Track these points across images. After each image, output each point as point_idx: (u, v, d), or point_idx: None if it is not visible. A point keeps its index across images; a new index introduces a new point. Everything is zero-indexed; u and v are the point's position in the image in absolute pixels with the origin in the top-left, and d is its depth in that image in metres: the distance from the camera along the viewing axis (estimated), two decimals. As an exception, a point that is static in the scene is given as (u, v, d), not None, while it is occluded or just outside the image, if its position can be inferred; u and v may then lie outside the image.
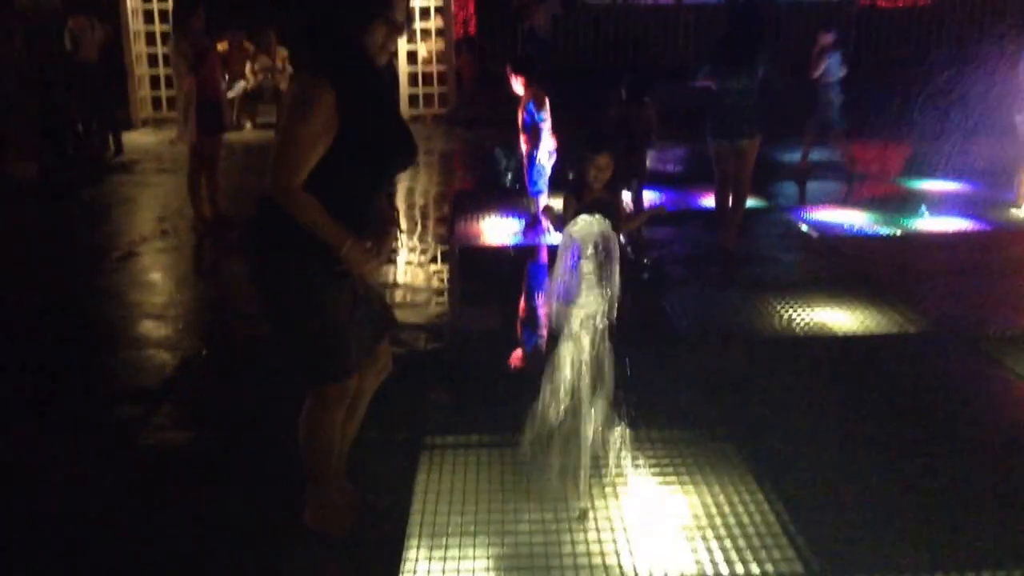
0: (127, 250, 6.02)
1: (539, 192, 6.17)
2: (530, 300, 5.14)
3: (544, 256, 5.89)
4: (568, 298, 2.68)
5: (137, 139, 10.29)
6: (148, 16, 11.32)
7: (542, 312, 4.82)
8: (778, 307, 4.70)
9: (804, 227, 6.48)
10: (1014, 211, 6.75)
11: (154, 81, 11.47)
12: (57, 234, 6.67)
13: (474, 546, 2.58)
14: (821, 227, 6.47)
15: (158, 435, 3.36)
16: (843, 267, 5.69)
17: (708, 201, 6.35)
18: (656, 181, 7.47)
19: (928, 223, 6.49)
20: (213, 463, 3.16)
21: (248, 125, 10.94)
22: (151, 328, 4.57)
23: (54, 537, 2.69)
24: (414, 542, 2.60)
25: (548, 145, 6.04)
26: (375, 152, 2.34)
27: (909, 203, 6.94)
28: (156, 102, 11.50)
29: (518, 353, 4.30)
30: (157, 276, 5.54)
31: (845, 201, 7.29)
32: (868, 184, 7.93)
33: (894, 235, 6.28)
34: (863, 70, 13.42)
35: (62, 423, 3.47)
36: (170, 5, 11.13)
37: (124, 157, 9.39)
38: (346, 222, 2.32)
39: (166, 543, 2.66)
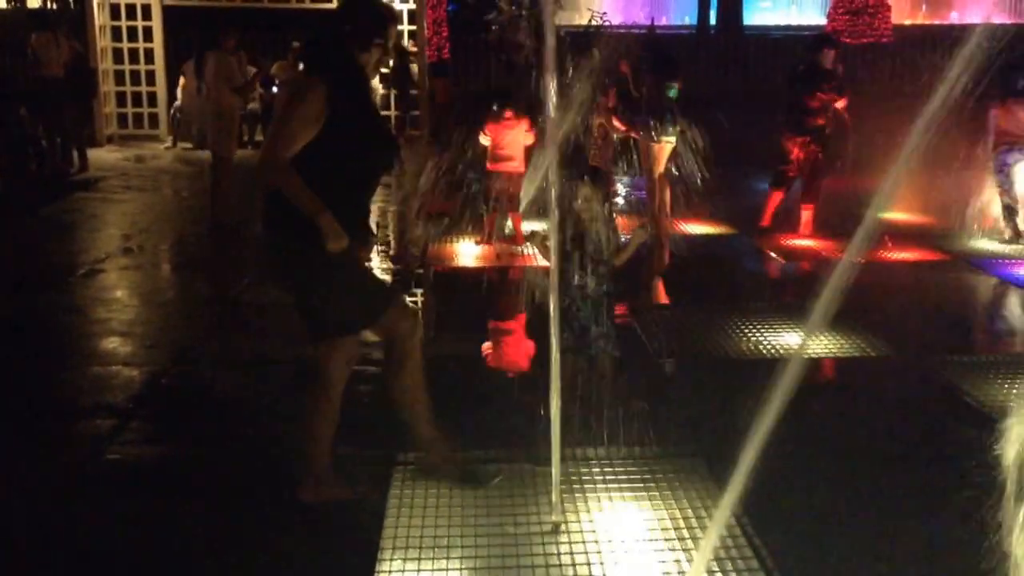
0: (91, 267, 5.93)
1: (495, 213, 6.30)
2: (502, 320, 5.17)
3: (515, 276, 5.95)
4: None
5: (103, 156, 10.17)
6: (116, 33, 11.25)
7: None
8: (746, 329, 4.80)
9: (772, 253, 6.62)
10: (967, 240, 6.99)
11: (120, 98, 11.37)
12: (21, 251, 6.55)
13: (447, 559, 2.59)
14: (788, 253, 6.61)
15: (126, 450, 3.32)
16: (809, 292, 5.83)
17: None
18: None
19: (887, 252, 6.68)
20: (180, 478, 3.12)
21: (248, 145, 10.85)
22: (117, 345, 4.50)
23: (19, 550, 2.63)
24: (388, 555, 2.60)
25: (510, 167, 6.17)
26: (362, 149, 2.69)
27: (868, 232, 7.14)
28: (122, 119, 11.40)
29: (491, 371, 4.32)
30: (122, 293, 5.46)
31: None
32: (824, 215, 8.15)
33: (861, 262, 6.43)
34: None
35: (29, 438, 3.40)
36: (139, 23, 11.17)
37: (89, 174, 9.27)
38: (340, 214, 2.60)
39: (133, 556, 2.61)
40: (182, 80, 10.86)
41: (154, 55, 11.27)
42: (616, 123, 6.86)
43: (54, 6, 15.05)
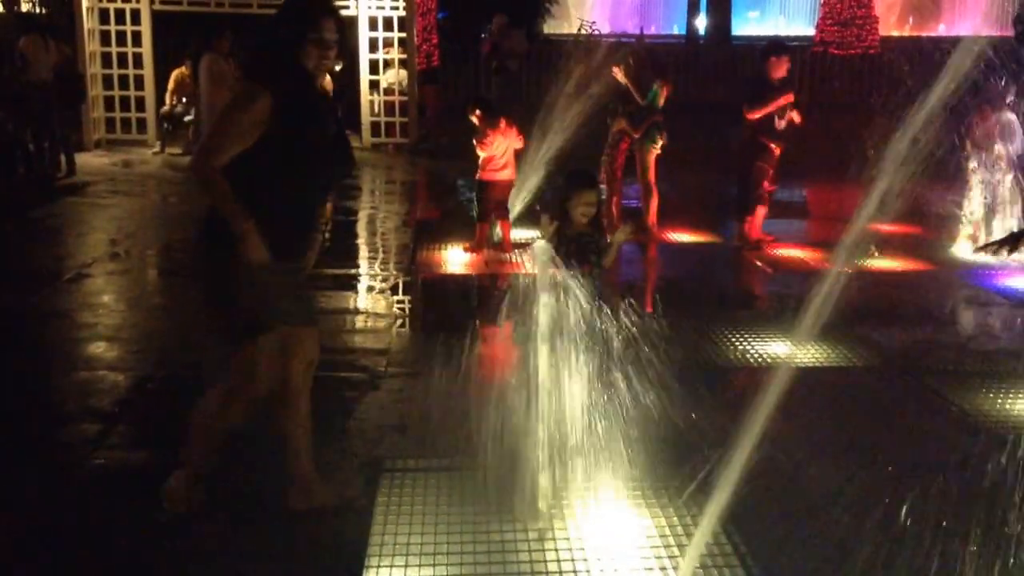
0: (78, 272, 5.90)
1: (486, 220, 6.31)
2: (490, 327, 5.18)
3: (504, 284, 5.96)
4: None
5: (91, 160, 10.12)
6: (105, 37, 11.21)
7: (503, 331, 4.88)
8: (733, 339, 4.83)
9: (759, 263, 6.67)
10: (951, 252, 7.06)
11: (108, 102, 11.33)
12: (7, 255, 6.51)
13: (434, 566, 2.59)
14: (775, 263, 6.65)
15: (112, 454, 3.30)
16: (796, 301, 5.87)
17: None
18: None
19: (875, 263, 6.73)
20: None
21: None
22: (104, 349, 4.48)
23: (4, 553, 2.62)
24: (375, 561, 2.60)
25: (503, 175, 6.20)
26: (310, 158, 2.62)
27: (860, 243, 7.19)
28: (110, 123, 11.35)
29: (478, 379, 4.32)
30: (109, 298, 5.44)
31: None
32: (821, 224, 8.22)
33: (846, 272, 6.48)
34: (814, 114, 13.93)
35: (14, 442, 3.38)
36: (128, 27, 11.14)
37: (77, 178, 9.22)
38: (285, 222, 2.60)
39: (118, 561, 2.60)
40: (171, 85, 10.83)
41: (143, 60, 11.24)
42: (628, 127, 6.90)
43: (43, 10, 14.98)
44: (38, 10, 15.08)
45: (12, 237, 7.08)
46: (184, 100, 10.73)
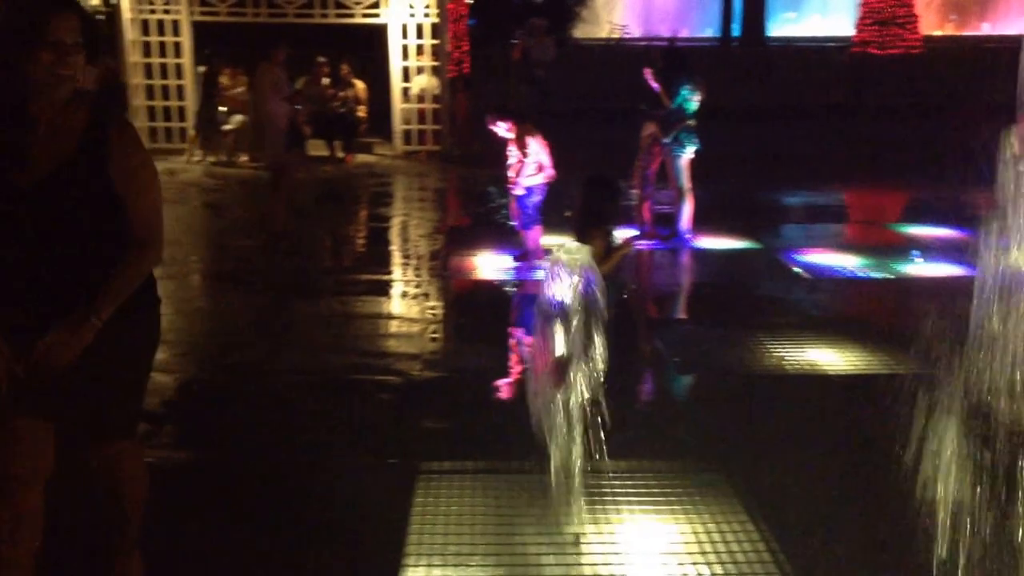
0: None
1: (529, 227, 6.31)
2: (522, 333, 5.22)
3: (535, 289, 5.99)
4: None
5: (133, 169, 10.37)
6: (146, 48, 11.49)
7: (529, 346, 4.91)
8: (769, 345, 4.80)
9: (796, 269, 6.60)
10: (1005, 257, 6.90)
11: (150, 112, 11.61)
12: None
13: (469, 567, 2.63)
14: (812, 269, 6.58)
15: (160, 453, 3.40)
16: (833, 308, 5.82)
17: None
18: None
19: (917, 268, 6.62)
20: (211, 481, 3.21)
21: (244, 157, 11.06)
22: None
23: (54, 550, 2.71)
24: (411, 562, 2.65)
25: (534, 180, 6.21)
26: None
27: (901, 248, 7.09)
28: (152, 133, 11.63)
29: (510, 383, 4.37)
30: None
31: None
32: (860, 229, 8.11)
33: (884, 279, 6.41)
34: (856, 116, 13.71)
35: (64, 440, 3.49)
36: (168, 38, 11.41)
37: (120, 186, 9.46)
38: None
39: (163, 556, 2.68)
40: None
41: (183, 70, 11.50)
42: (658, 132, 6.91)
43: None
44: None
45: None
46: (223, 108, 10.97)
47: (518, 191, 6.28)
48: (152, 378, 4.12)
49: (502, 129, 6.24)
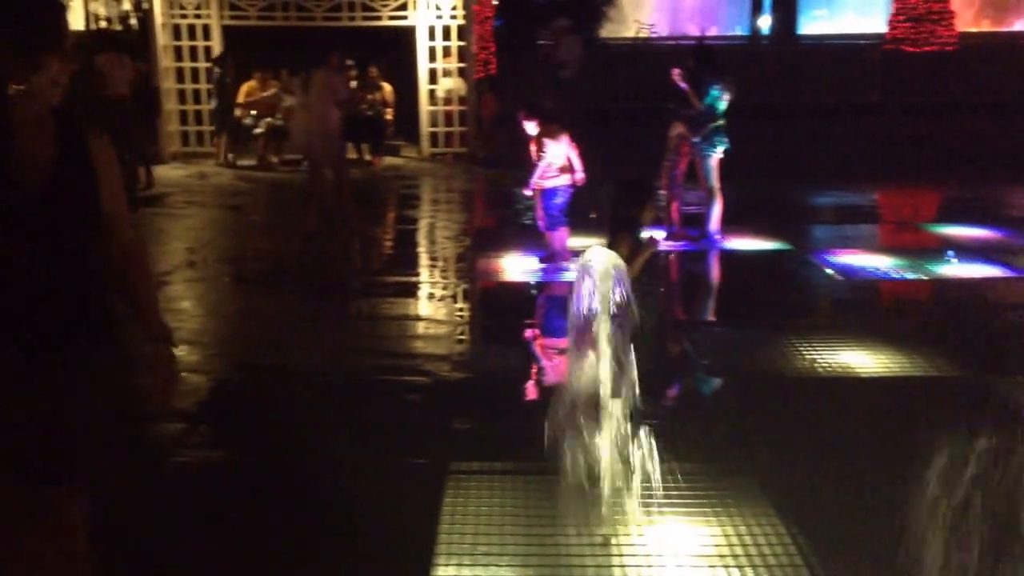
0: (158, 280, 6.18)
1: (553, 229, 6.31)
2: (549, 333, 5.22)
3: (561, 291, 5.99)
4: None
5: (167, 173, 10.56)
6: (178, 53, 11.66)
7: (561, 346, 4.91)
8: (801, 347, 4.75)
9: (828, 270, 6.52)
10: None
11: (182, 116, 11.78)
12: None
13: (499, 566, 2.64)
14: (845, 270, 6.49)
15: (194, 453, 3.47)
16: (865, 310, 5.74)
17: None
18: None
19: (954, 268, 6.50)
20: (243, 480, 3.26)
21: (275, 160, 11.19)
22: (185, 353, 4.68)
23: (100, 545, 2.78)
24: (442, 561, 2.66)
25: (556, 182, 6.20)
26: None
27: (935, 248, 6.97)
28: (184, 136, 11.81)
29: (538, 385, 4.38)
30: (188, 304, 5.68)
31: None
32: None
33: (919, 280, 6.30)
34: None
35: (103, 441, 3.57)
36: (200, 43, 11.58)
37: (155, 190, 9.64)
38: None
39: (197, 552, 2.73)
40: (241, 97, 11.18)
41: (214, 74, 11.66)
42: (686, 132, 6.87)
43: (118, 28, 15.67)
44: (115, 27, 15.77)
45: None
46: (253, 112, 11.11)
47: (531, 192, 6.27)
48: (185, 379, 4.25)
49: (531, 127, 6.23)
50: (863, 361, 4.56)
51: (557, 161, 6.22)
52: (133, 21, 14.40)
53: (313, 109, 7.72)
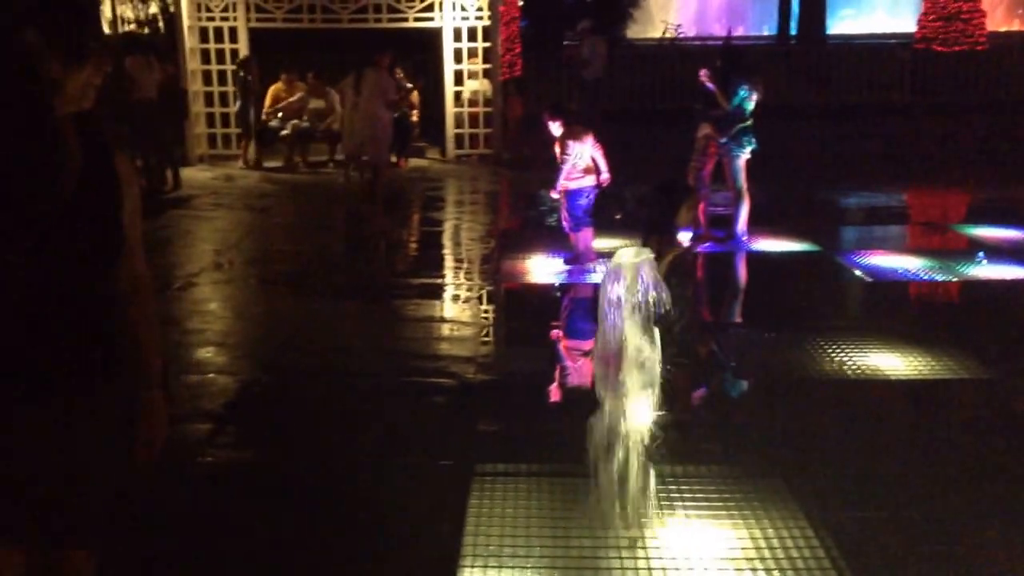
0: (186, 281, 6.26)
1: (578, 230, 6.29)
2: (575, 335, 5.21)
3: (586, 292, 5.97)
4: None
5: (195, 175, 10.70)
6: (205, 56, 11.79)
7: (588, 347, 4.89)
8: (829, 349, 4.69)
9: (856, 271, 6.44)
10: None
11: (209, 119, 11.92)
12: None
13: (525, 568, 2.64)
14: (873, 271, 6.41)
15: (220, 453, 3.50)
16: (894, 312, 5.66)
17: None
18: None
19: (982, 270, 6.38)
20: (269, 480, 3.29)
21: (299, 162, 11.29)
22: (212, 354, 4.74)
23: (130, 544, 2.82)
24: (468, 562, 2.67)
25: (581, 183, 6.18)
26: None
27: (965, 250, 6.86)
28: (211, 139, 11.95)
29: (564, 386, 4.37)
30: (216, 306, 5.75)
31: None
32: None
33: (949, 281, 6.20)
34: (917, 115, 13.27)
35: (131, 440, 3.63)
36: (226, 45, 11.71)
37: (182, 192, 9.77)
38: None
39: (221, 552, 2.76)
40: (268, 100, 11.30)
41: (238, 77, 11.78)
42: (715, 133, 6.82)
43: (146, 30, 15.88)
44: (143, 30, 16.00)
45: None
46: (280, 115, 11.22)
47: (557, 195, 6.26)
48: (212, 380, 4.30)
49: (555, 127, 6.22)
50: (892, 363, 4.49)
51: (581, 162, 6.20)
52: (160, 24, 14.61)
53: (363, 110, 7.86)
